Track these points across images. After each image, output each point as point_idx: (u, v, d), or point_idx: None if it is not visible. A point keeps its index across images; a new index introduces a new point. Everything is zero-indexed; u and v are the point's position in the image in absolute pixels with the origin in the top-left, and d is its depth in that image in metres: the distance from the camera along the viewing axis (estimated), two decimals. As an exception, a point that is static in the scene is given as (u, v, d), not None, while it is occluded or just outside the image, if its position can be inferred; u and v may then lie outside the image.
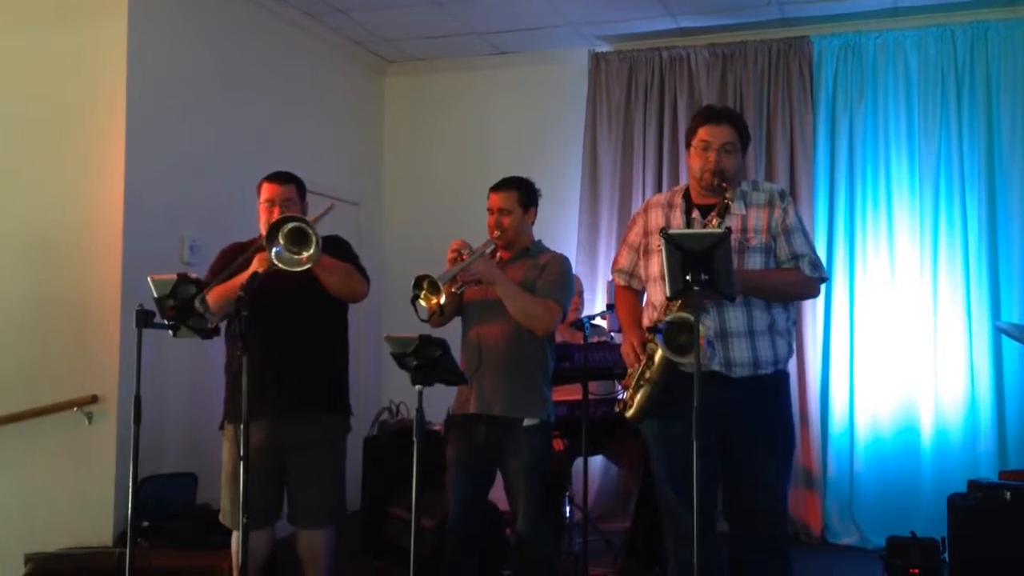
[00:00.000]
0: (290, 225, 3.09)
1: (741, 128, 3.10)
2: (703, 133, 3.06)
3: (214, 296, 3.23)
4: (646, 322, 3.15)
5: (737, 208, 3.02)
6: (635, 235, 3.30)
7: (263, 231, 3.48)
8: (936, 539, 4.31)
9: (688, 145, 3.14)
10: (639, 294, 3.34)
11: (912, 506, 5.34)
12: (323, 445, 3.48)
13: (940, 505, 4.34)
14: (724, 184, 2.96)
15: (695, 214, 3.11)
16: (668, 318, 2.82)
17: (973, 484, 4.20)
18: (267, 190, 3.51)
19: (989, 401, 5.38)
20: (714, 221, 2.93)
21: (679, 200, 3.19)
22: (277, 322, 3.40)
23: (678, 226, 3.10)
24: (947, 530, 4.17)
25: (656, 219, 3.20)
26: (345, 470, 3.60)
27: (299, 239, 3.09)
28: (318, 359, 3.49)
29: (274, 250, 3.07)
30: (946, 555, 4.25)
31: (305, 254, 3.08)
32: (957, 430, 5.44)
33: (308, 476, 3.45)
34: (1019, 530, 3.94)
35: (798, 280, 3.10)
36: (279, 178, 3.54)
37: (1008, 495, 4.00)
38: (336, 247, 3.52)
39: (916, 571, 4.25)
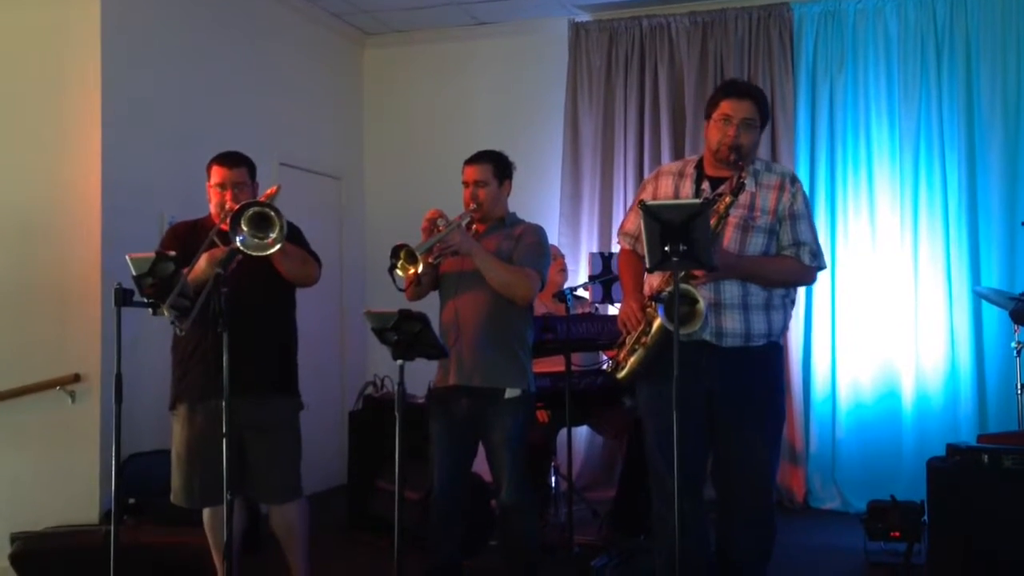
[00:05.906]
0: (252, 211, 3.04)
1: (762, 105, 3.11)
2: (725, 107, 3.05)
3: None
4: (646, 289, 3.16)
5: (748, 185, 3.02)
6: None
7: (213, 212, 3.45)
8: (916, 502, 4.36)
9: (708, 116, 3.13)
10: (643, 258, 3.33)
11: (893, 471, 5.40)
12: (279, 426, 3.49)
13: (920, 469, 4.37)
14: (741, 163, 2.97)
15: (705, 185, 3.11)
16: (670, 288, 2.84)
17: (952, 448, 4.23)
18: (217, 173, 3.43)
19: (969, 365, 5.43)
20: (727, 199, 2.93)
21: (691, 170, 3.18)
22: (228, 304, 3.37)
23: (687, 195, 3.11)
24: (926, 493, 4.22)
25: (666, 187, 3.20)
26: (301, 447, 3.59)
27: (261, 223, 3.04)
28: (268, 341, 3.47)
29: (239, 239, 3.01)
30: (926, 517, 4.30)
31: (272, 235, 3.03)
32: (938, 395, 5.50)
33: (269, 457, 3.46)
34: (996, 492, 3.99)
35: (795, 269, 3.14)
36: (230, 160, 3.46)
37: (986, 458, 4.03)
38: (290, 233, 3.49)
39: (896, 534, 4.32)
